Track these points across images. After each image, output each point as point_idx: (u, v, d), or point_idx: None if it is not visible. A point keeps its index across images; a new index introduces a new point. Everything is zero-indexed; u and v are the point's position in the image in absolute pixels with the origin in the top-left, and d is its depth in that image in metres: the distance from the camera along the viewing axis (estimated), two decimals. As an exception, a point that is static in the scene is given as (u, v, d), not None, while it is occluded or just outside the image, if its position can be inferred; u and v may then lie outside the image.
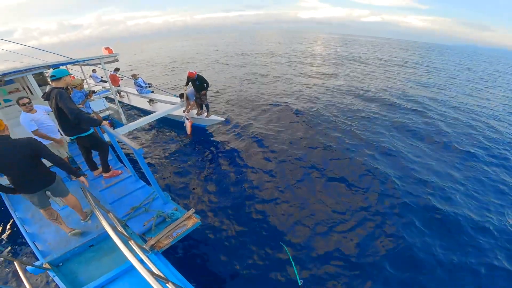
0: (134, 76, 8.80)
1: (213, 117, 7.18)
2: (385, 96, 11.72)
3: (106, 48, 5.70)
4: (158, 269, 1.91)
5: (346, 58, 25.53)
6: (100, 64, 5.36)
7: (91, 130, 3.84)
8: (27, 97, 3.75)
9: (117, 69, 9.25)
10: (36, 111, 3.80)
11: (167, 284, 1.74)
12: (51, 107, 3.43)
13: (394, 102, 10.82)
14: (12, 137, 2.43)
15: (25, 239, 3.14)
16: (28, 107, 3.67)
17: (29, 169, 2.46)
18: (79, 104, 5.12)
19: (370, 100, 11.05)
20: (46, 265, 2.64)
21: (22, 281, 1.95)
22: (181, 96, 7.24)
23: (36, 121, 3.74)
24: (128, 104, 9.80)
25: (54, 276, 2.54)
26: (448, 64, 28.51)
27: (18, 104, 3.66)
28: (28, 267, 2.41)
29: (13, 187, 2.57)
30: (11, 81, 6.14)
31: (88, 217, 3.39)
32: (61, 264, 2.80)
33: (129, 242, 2.27)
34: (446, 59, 35.01)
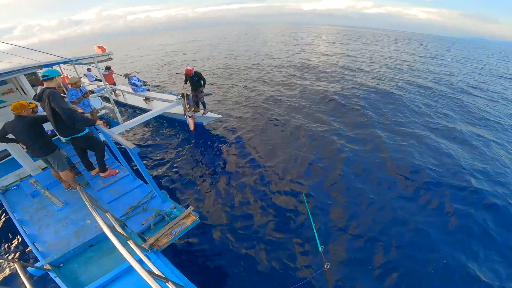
0: (127, 75, 8.69)
1: (210, 114, 7.17)
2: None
3: (99, 47, 5.63)
4: (158, 268, 1.89)
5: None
6: (93, 63, 5.31)
7: (86, 130, 3.81)
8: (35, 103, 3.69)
9: (108, 68, 9.13)
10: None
11: (167, 284, 1.72)
12: (43, 108, 3.38)
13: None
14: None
15: (25, 241, 3.16)
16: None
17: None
18: (73, 102, 5.06)
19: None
20: (47, 266, 2.66)
21: (24, 283, 1.97)
22: (182, 96, 7.09)
23: None
24: (124, 103, 9.71)
25: (55, 277, 2.56)
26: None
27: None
28: (29, 269, 2.42)
29: None
30: (4, 82, 6.05)
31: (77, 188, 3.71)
32: (61, 265, 2.83)
33: (127, 241, 2.28)
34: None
